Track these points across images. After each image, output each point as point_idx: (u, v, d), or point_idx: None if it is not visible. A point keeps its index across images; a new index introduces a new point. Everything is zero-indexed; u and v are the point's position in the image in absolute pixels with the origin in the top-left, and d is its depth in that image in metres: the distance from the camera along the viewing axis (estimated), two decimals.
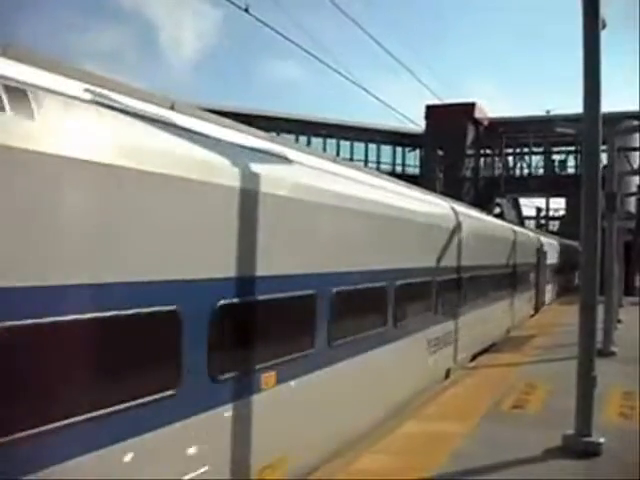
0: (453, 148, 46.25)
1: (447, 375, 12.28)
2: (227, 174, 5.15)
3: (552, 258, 30.74)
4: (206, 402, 4.84)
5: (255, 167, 5.59)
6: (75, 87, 4.19)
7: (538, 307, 26.22)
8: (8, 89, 3.51)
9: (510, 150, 50.69)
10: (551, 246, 30.44)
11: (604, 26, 7.90)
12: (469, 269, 13.53)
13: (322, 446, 6.55)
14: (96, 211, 3.92)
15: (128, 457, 4.06)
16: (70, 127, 3.80)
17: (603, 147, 9.43)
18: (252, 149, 5.95)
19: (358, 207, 7.69)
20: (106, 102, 4.29)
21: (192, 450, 4.66)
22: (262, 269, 5.55)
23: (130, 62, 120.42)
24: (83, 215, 3.82)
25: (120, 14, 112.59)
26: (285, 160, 6.48)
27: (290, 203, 6.15)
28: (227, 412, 5.09)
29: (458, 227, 12.72)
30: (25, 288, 3.41)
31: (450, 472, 6.69)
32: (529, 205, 57.70)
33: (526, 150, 50.27)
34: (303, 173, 6.70)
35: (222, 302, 4.97)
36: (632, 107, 29.85)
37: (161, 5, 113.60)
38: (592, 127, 7.87)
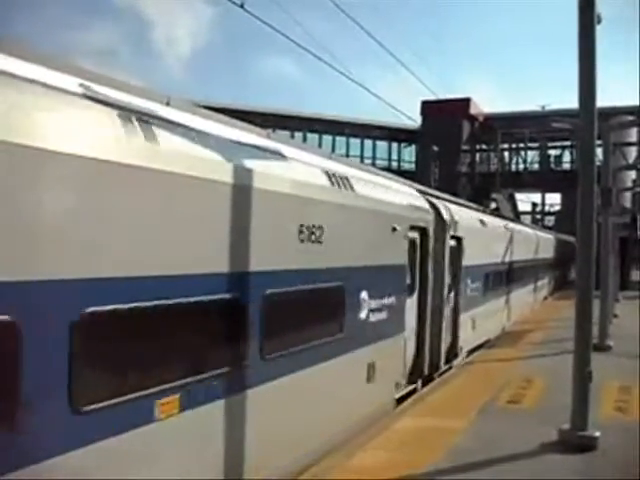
0: (449, 144, 46.27)
1: None
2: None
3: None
4: None
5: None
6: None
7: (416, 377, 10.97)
8: None
9: (506, 145, 50.71)
10: (486, 228, 16.38)
11: (599, 21, 7.88)
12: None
13: None
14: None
15: None
16: None
17: (599, 142, 9.45)
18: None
19: None
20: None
21: None
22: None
23: (125, 59, 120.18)
24: None
25: (115, 11, 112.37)
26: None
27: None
28: None
29: None
30: None
31: (447, 467, 6.71)
32: (525, 200, 57.85)
33: (522, 145, 50.31)
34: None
35: None
36: (627, 102, 29.93)
37: (156, 2, 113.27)
38: (587, 122, 7.87)
